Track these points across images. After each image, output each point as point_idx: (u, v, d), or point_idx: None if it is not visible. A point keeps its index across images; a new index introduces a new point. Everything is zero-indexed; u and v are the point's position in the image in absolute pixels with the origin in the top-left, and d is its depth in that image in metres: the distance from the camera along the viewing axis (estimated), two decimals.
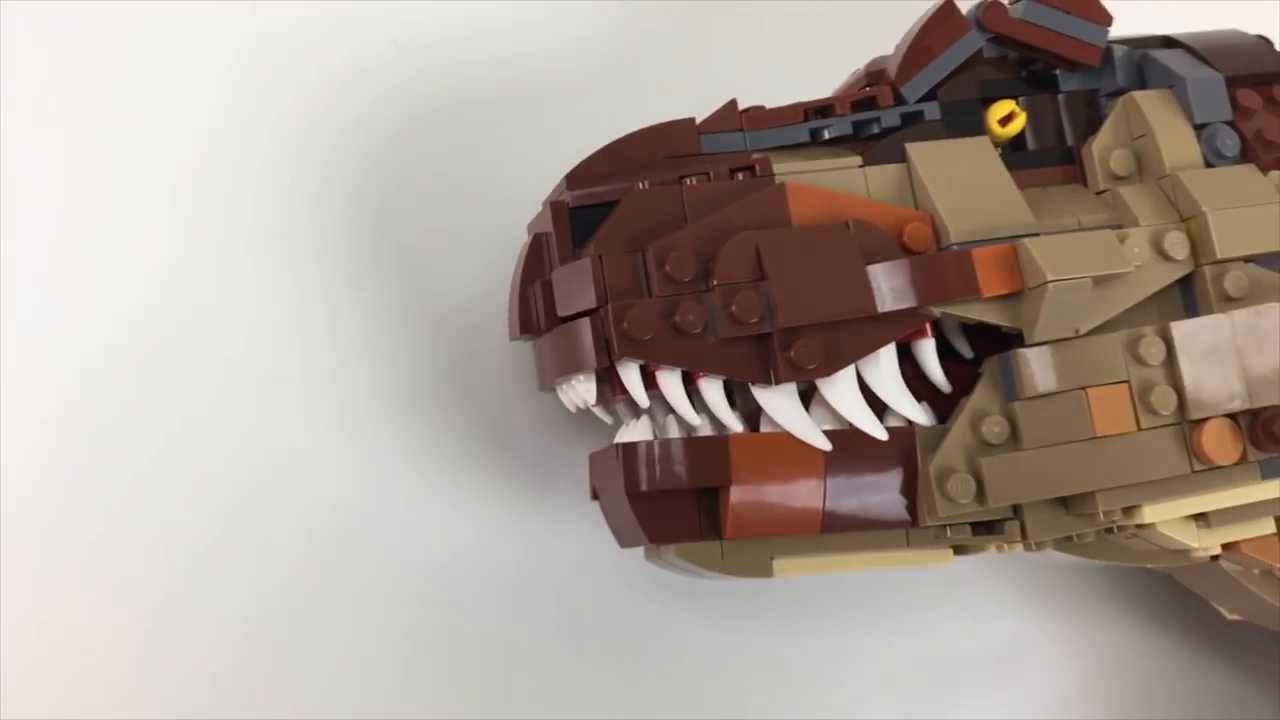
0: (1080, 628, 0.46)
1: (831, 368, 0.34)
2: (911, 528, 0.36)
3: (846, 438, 0.35)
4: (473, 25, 0.42)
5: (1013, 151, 0.38)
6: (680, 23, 0.45)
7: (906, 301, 0.34)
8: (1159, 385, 0.35)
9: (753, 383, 0.34)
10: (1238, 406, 0.35)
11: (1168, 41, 0.40)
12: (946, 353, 0.37)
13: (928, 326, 0.36)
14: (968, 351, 0.38)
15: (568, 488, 0.40)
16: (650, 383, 0.35)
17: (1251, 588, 0.39)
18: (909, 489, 0.35)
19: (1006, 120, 0.37)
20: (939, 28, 0.37)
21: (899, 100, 0.37)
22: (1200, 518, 0.37)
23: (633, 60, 0.43)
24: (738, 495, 0.34)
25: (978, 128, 0.37)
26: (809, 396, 0.36)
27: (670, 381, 0.34)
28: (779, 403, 0.35)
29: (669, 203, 0.35)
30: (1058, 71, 0.38)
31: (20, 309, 0.39)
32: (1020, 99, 0.38)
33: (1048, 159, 0.38)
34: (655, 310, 0.34)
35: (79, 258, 0.40)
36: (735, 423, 0.35)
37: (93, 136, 0.40)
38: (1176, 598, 0.45)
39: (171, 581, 0.38)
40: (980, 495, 0.35)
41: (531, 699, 0.41)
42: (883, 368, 0.35)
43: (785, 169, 0.36)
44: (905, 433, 0.35)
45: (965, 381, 0.36)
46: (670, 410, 0.36)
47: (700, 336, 0.34)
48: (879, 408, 0.36)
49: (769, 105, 0.38)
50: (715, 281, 0.34)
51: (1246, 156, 0.38)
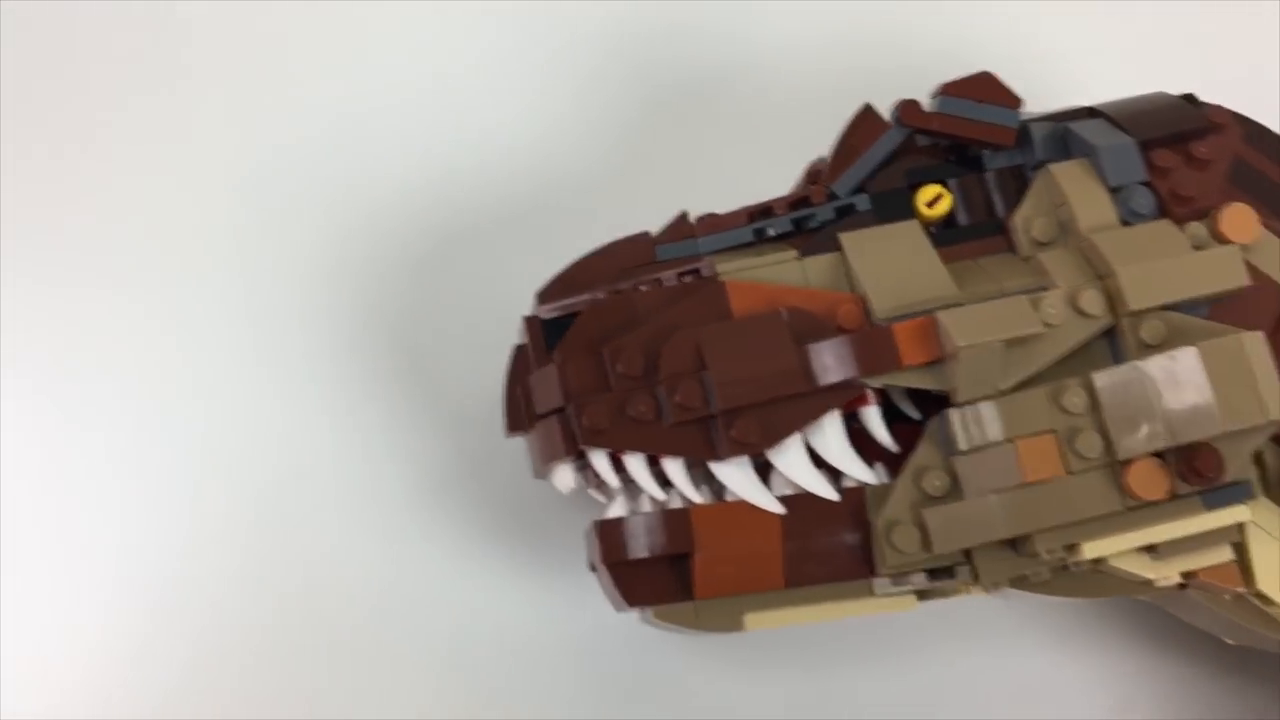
0: (1102, 659, 0.48)
1: (772, 440, 0.39)
2: (873, 578, 0.40)
3: (801, 501, 0.39)
4: (474, 158, 0.50)
5: (945, 229, 0.42)
6: (668, 126, 0.51)
7: (840, 375, 0.39)
8: (1084, 431, 0.38)
9: (705, 460, 0.39)
10: (1162, 445, 0.38)
11: (1091, 112, 0.43)
12: (898, 416, 0.41)
13: (870, 394, 0.40)
14: (915, 413, 0.41)
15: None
16: (620, 466, 0.40)
17: (1227, 614, 0.41)
18: (865, 543, 0.39)
19: (934, 202, 0.41)
20: (860, 129, 0.41)
21: (832, 197, 0.41)
22: (1152, 549, 0.39)
23: (621, 168, 0.50)
24: (703, 559, 0.39)
25: (908, 212, 0.41)
26: (770, 466, 0.40)
27: (634, 464, 0.39)
28: (731, 474, 0.39)
29: (623, 309, 0.40)
30: (984, 152, 0.42)
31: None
32: (950, 181, 0.42)
33: (979, 233, 0.42)
34: (611, 404, 0.39)
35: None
36: (695, 495, 0.39)
37: (114, 256, 0.49)
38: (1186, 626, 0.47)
39: (220, 673, 0.46)
40: (926, 543, 0.38)
41: None
42: (827, 435, 0.39)
43: (727, 268, 0.41)
44: (857, 492, 0.39)
45: (915, 440, 0.40)
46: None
47: (654, 423, 0.39)
48: (838, 471, 0.40)
49: (758, 198, 0.43)
50: (661, 374, 0.39)
51: (1163, 213, 0.41)
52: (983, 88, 0.41)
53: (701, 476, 0.40)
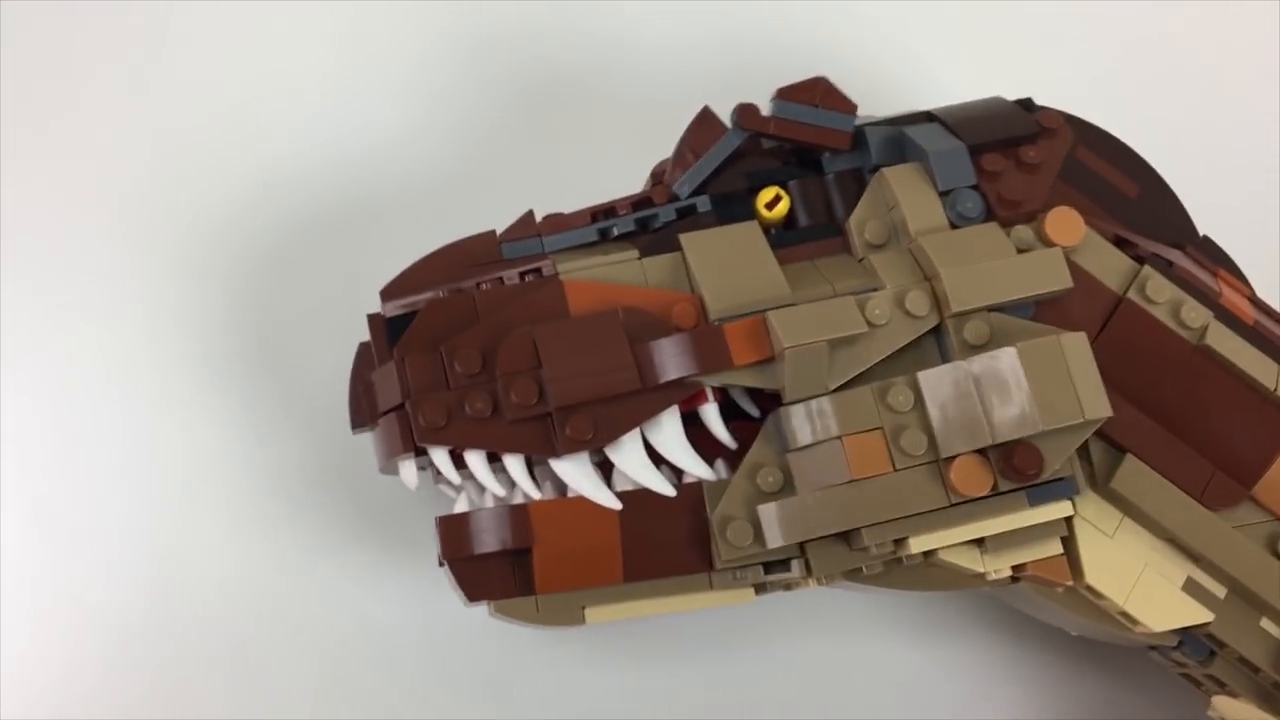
0: (952, 652, 0.49)
1: (606, 438, 0.39)
2: (711, 571, 0.40)
3: (640, 496, 0.40)
4: (332, 158, 0.50)
5: (785, 231, 0.43)
6: (522, 128, 0.51)
7: (675, 373, 0.39)
8: (909, 429, 0.39)
9: (543, 456, 0.40)
10: (984, 443, 0.39)
11: (928, 116, 0.44)
12: (739, 414, 0.42)
13: (708, 392, 0.40)
14: (754, 410, 0.42)
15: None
16: (462, 462, 0.40)
17: (1060, 606, 0.43)
18: (702, 537, 0.40)
19: (772, 204, 0.42)
20: (698, 131, 0.42)
21: (674, 198, 0.42)
22: (981, 544, 0.41)
23: (480, 167, 0.50)
24: (542, 554, 0.40)
25: (748, 214, 0.42)
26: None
27: (474, 459, 0.40)
28: (569, 470, 0.40)
29: (463, 307, 0.41)
30: (824, 155, 0.43)
31: None
32: (791, 183, 0.43)
33: (817, 234, 0.43)
34: (448, 401, 0.39)
35: None
36: (534, 490, 0.40)
37: None
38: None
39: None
40: (759, 538, 0.39)
41: None
42: (665, 431, 0.40)
43: (568, 267, 0.41)
44: (694, 488, 0.40)
45: (754, 437, 0.41)
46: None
47: (491, 420, 0.39)
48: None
49: (610, 198, 0.43)
50: (498, 372, 0.39)
51: (991, 216, 0.42)
52: (819, 93, 0.42)
53: (546, 473, 0.41)
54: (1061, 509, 0.40)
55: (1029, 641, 0.49)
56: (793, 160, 0.43)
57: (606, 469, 0.41)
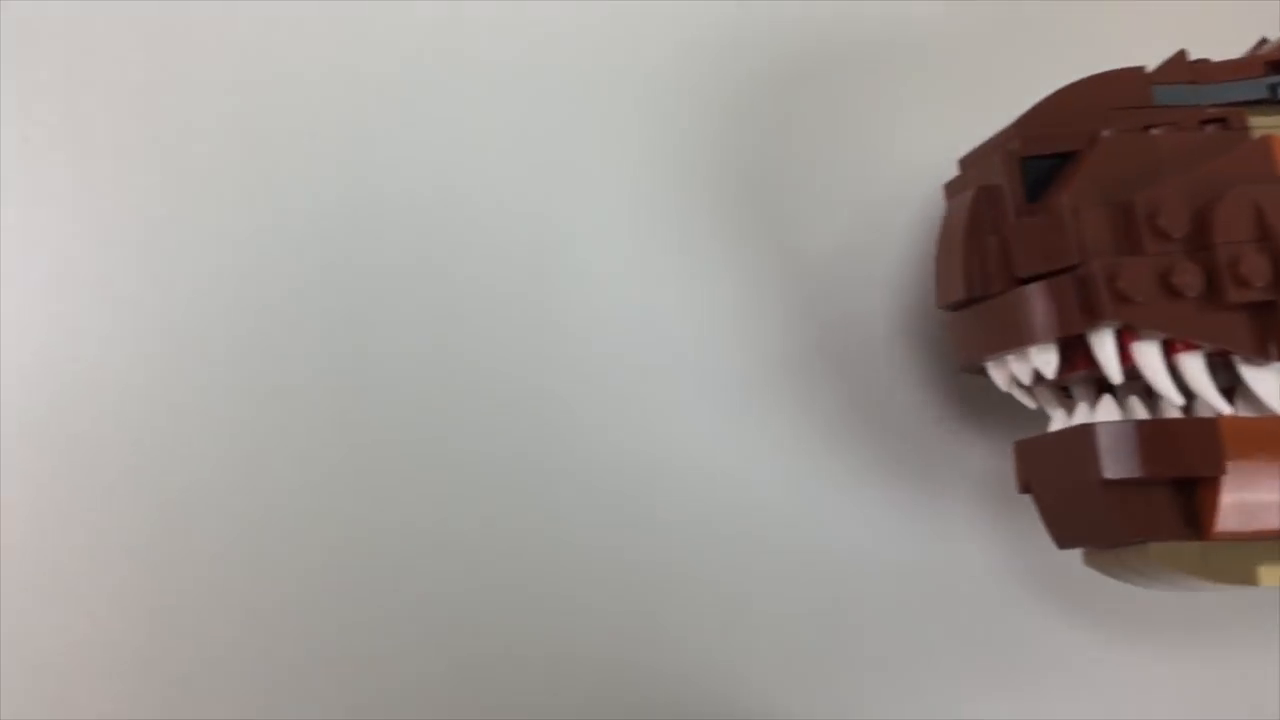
0: None
1: None
2: None
3: None
4: None
5: None
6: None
7: None
8: None
9: (1246, 356, 0.30)
10: None
11: None
12: None
13: None
14: None
15: (955, 481, 0.36)
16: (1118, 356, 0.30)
17: None
18: None
19: None
20: None
21: None
22: None
23: (1002, 29, 0.40)
24: (1229, 488, 0.30)
25: None
26: None
27: (1151, 354, 0.30)
28: (1271, 382, 0.30)
29: (1142, 154, 0.31)
30: None
31: None
32: None
33: None
34: (1149, 270, 0.29)
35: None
36: (1223, 404, 0.30)
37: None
38: None
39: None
40: None
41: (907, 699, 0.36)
42: None
43: (1262, 124, 0.32)
44: None
45: None
46: (1133, 391, 0.31)
47: (1194, 301, 0.30)
48: None
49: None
50: (1216, 240, 0.30)
51: None
52: None
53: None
54: None
55: None
56: None
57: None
